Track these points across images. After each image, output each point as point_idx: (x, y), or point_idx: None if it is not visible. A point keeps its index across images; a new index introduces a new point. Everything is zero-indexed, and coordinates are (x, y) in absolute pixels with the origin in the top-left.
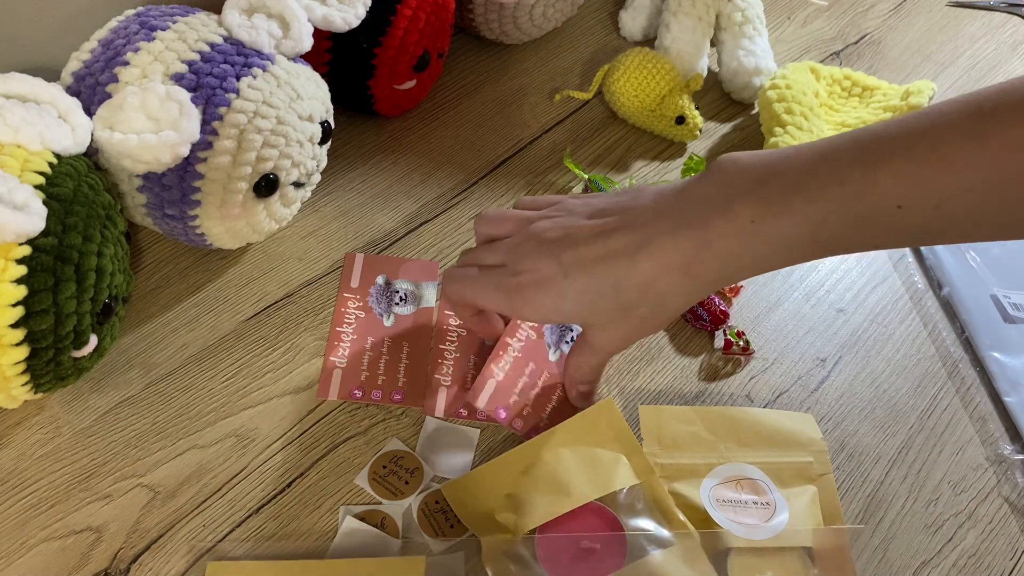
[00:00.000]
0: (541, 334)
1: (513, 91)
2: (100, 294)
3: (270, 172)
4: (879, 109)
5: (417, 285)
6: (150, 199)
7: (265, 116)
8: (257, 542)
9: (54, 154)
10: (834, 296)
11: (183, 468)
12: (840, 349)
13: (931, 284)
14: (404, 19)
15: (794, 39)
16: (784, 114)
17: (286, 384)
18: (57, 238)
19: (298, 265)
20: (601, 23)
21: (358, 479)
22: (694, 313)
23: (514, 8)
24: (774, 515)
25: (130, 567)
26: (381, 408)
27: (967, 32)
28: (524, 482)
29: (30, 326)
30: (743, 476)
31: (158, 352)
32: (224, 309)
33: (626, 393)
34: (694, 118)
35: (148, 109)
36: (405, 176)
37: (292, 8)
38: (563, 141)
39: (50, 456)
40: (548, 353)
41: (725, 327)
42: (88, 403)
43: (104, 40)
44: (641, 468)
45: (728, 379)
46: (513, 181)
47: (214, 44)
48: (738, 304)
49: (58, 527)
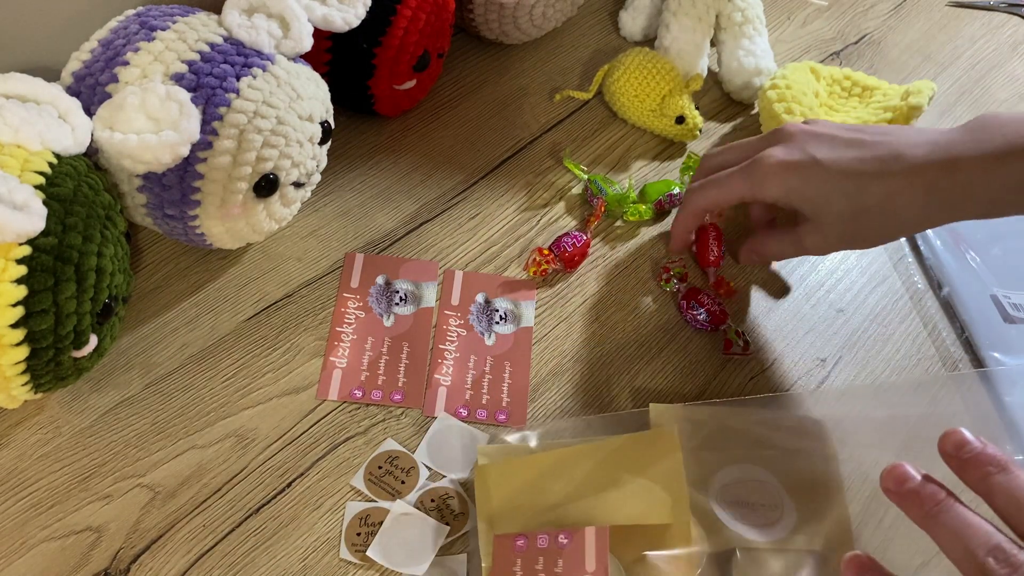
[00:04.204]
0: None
1: (513, 91)
2: (100, 294)
3: (270, 172)
4: (879, 109)
5: (417, 285)
6: (150, 199)
7: (265, 116)
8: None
9: (54, 154)
10: (834, 296)
11: (183, 468)
12: (840, 349)
13: (931, 284)
14: (404, 19)
15: (794, 39)
16: (784, 114)
17: (286, 384)
18: (57, 238)
19: (298, 265)
20: (601, 23)
21: (354, 480)
22: (693, 314)
23: (514, 8)
24: (782, 518)
25: (130, 567)
26: (381, 408)
27: (967, 32)
28: (557, 488)
29: (30, 326)
30: (752, 478)
31: (158, 352)
32: (224, 309)
33: (626, 393)
34: (694, 118)
35: (148, 109)
36: (405, 176)
37: (292, 8)
38: (563, 141)
39: (50, 456)
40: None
41: (725, 327)
42: (88, 403)
43: (104, 40)
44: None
45: (728, 379)
46: (513, 181)
47: (214, 44)
48: (738, 304)
49: (58, 527)
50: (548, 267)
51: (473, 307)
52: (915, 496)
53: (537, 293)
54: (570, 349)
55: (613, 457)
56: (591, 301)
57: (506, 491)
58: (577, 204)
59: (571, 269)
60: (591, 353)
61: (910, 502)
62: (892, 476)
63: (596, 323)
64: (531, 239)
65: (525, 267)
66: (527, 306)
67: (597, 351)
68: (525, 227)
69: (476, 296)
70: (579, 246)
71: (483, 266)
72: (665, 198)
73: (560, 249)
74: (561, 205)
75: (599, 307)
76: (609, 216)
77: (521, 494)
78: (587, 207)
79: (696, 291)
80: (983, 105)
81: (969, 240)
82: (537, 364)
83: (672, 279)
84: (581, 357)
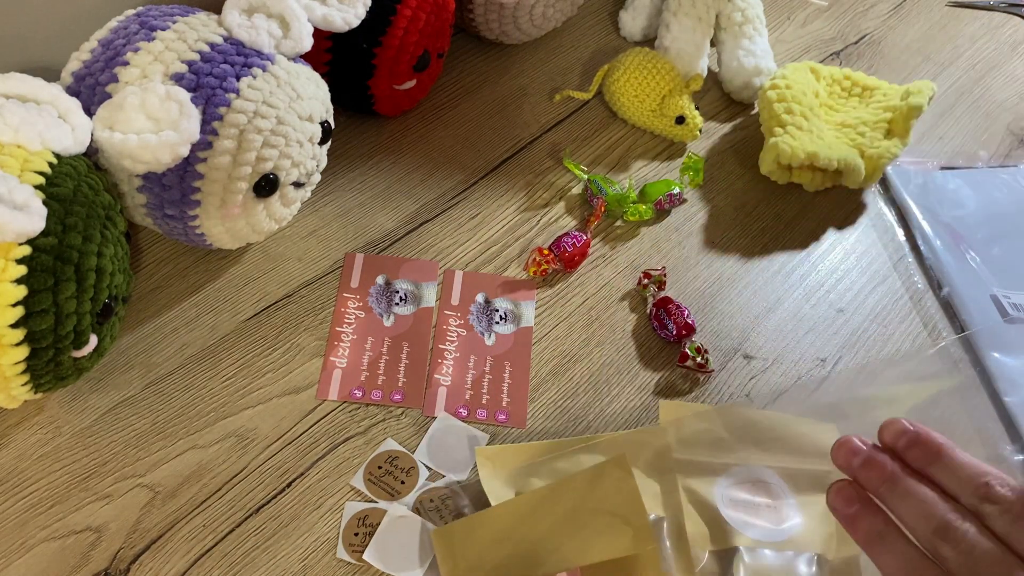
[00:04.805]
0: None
1: (513, 91)
2: (100, 294)
3: (270, 172)
4: (879, 109)
5: (417, 285)
6: (150, 199)
7: (265, 116)
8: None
9: (54, 154)
10: (834, 296)
11: (183, 468)
12: (840, 349)
13: (931, 284)
14: (404, 19)
15: (794, 39)
16: (784, 114)
17: (286, 384)
18: (57, 238)
19: (298, 265)
20: (601, 23)
21: (353, 480)
22: (660, 321)
23: (514, 8)
24: (786, 520)
25: (130, 567)
26: (381, 408)
27: (967, 32)
28: (520, 538)
29: (30, 326)
30: (758, 479)
31: (158, 352)
32: (224, 309)
33: (626, 393)
34: (694, 118)
35: (148, 109)
36: (405, 176)
37: (292, 8)
38: (563, 141)
39: (50, 456)
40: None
41: (688, 340)
42: (88, 403)
43: (104, 40)
44: (639, 539)
45: (728, 379)
46: (513, 181)
47: (214, 44)
48: (738, 304)
49: (58, 527)
50: (548, 267)
51: (473, 307)
52: (873, 464)
53: (537, 293)
54: (570, 349)
55: (571, 496)
56: (591, 301)
57: (471, 552)
58: (577, 204)
59: (571, 269)
60: (591, 353)
61: (869, 469)
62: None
63: (596, 323)
64: (531, 239)
65: (525, 267)
66: (527, 306)
67: (597, 351)
68: (525, 227)
69: (476, 296)
70: (579, 246)
71: (483, 266)
72: (665, 198)
73: (560, 249)
74: (561, 205)
75: (599, 307)
76: (609, 216)
77: (487, 552)
78: (587, 207)
79: (667, 300)
80: (983, 105)
81: (969, 240)
82: (537, 364)
83: (650, 285)
84: (581, 357)
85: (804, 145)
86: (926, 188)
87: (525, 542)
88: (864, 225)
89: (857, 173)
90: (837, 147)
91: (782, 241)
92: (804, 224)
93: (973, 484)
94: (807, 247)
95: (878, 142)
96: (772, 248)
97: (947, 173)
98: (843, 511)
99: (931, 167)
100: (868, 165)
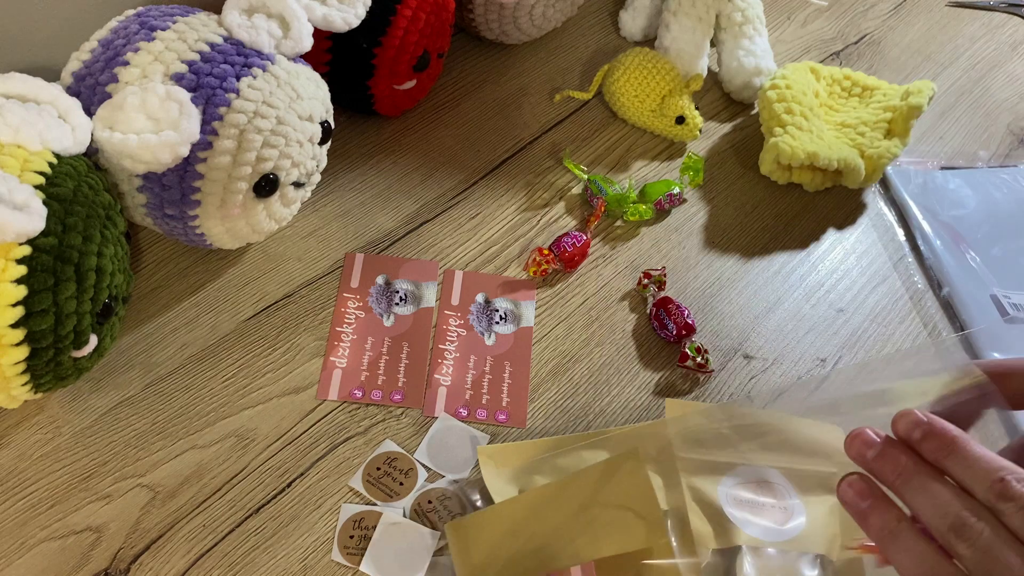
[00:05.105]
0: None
1: (513, 91)
2: (100, 294)
3: (270, 172)
4: (879, 109)
5: (417, 285)
6: (150, 199)
7: (265, 116)
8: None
9: (54, 154)
10: (834, 296)
11: (183, 468)
12: (840, 349)
13: (931, 284)
14: (404, 19)
15: (794, 39)
16: (784, 114)
17: (286, 384)
18: (57, 238)
19: (298, 265)
20: (601, 23)
21: (352, 481)
22: (660, 321)
23: (514, 8)
24: (790, 519)
25: (130, 567)
26: (381, 408)
27: (967, 32)
28: (534, 531)
29: (30, 326)
30: (763, 479)
31: (158, 352)
32: (224, 309)
33: (627, 393)
34: (694, 118)
35: (148, 109)
36: (405, 176)
37: (292, 8)
38: (563, 141)
39: (50, 456)
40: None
41: (688, 340)
42: (88, 403)
43: (104, 40)
44: (652, 532)
45: (728, 379)
46: (513, 181)
47: (214, 44)
48: (738, 304)
49: (58, 527)
50: (548, 267)
51: (473, 307)
52: (888, 456)
53: (537, 293)
54: (570, 349)
55: (584, 490)
56: (591, 301)
57: (485, 544)
58: (577, 204)
59: (571, 269)
60: (591, 353)
61: (883, 462)
62: (860, 439)
63: (596, 323)
64: (531, 239)
65: (525, 267)
66: (527, 306)
67: (597, 351)
68: (525, 227)
69: (476, 296)
70: (579, 246)
71: (483, 266)
72: (665, 198)
73: (560, 249)
74: (561, 205)
75: (599, 307)
76: (609, 216)
77: (500, 544)
78: (587, 207)
79: (667, 300)
80: (983, 105)
81: (969, 240)
82: (537, 364)
83: (650, 285)
84: (581, 357)
85: (804, 145)
86: (926, 188)
87: (538, 536)
88: (864, 225)
89: (857, 173)
90: (837, 147)
91: (782, 241)
92: (804, 224)
93: (988, 479)
94: (807, 247)
95: (878, 142)
96: (772, 248)
97: (947, 173)
98: (855, 505)
99: (931, 167)
100: (868, 165)
